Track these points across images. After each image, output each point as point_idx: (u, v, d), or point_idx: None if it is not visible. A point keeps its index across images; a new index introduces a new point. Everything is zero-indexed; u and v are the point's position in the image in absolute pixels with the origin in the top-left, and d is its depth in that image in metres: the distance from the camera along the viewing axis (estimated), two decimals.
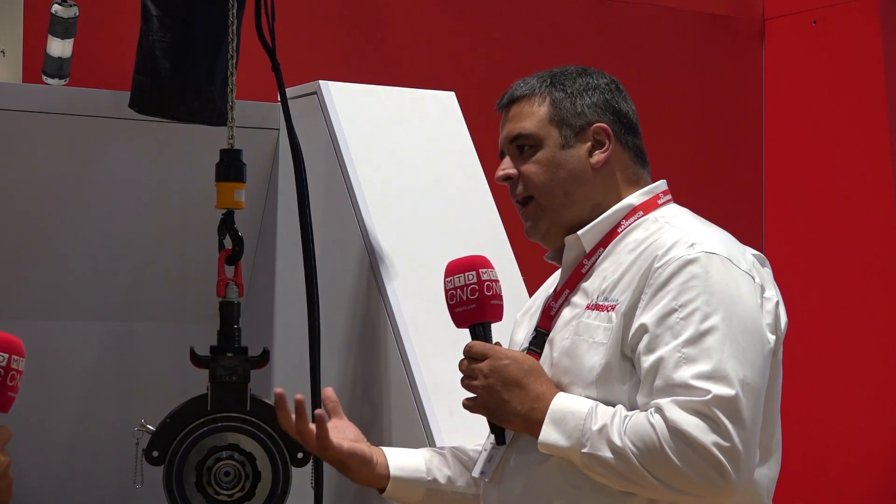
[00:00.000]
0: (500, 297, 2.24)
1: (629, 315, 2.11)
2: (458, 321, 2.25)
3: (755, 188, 5.04)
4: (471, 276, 2.22)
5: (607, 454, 2.04)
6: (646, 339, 2.07)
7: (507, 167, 2.29)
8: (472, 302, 2.22)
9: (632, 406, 2.08)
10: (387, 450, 2.38)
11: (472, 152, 3.23)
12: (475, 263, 2.24)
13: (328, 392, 2.45)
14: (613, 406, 2.09)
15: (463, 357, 2.20)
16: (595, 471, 2.07)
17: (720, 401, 1.99)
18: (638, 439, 2.02)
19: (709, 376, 2.00)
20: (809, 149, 4.92)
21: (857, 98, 4.77)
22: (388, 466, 2.34)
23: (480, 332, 2.22)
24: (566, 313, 2.23)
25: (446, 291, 2.25)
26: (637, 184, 2.28)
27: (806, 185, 4.92)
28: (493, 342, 2.22)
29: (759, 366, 2.05)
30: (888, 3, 4.76)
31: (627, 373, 2.11)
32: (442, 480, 2.36)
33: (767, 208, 5.03)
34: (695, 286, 2.06)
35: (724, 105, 5.00)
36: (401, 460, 2.36)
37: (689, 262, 2.08)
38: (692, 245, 2.11)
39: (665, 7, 4.86)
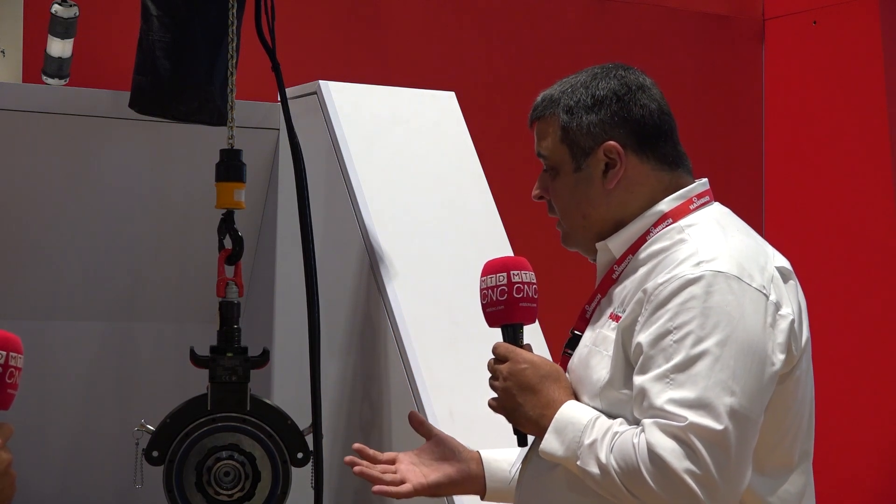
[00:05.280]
0: (531, 300, 2.23)
1: (629, 330, 2.09)
2: (489, 321, 2.26)
3: (755, 188, 5.04)
4: (501, 278, 2.23)
5: (594, 470, 2.04)
6: (641, 359, 2.05)
7: (536, 187, 2.27)
8: (501, 303, 2.22)
9: (634, 420, 2.07)
10: (486, 459, 2.39)
11: (472, 152, 3.22)
12: (508, 265, 2.24)
13: (413, 416, 2.45)
14: (616, 418, 2.08)
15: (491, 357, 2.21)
16: (587, 483, 2.07)
17: (697, 428, 1.96)
18: (621, 458, 2.01)
19: (690, 404, 1.97)
20: (809, 148, 4.93)
21: (857, 98, 4.77)
22: (484, 477, 2.37)
23: (510, 333, 2.23)
24: (594, 319, 2.22)
25: (480, 291, 2.26)
26: (670, 188, 2.23)
27: (806, 185, 4.92)
28: (524, 344, 2.23)
29: (755, 391, 2.01)
30: (888, 3, 4.76)
31: (631, 386, 2.09)
32: None
33: (767, 208, 5.03)
34: (692, 307, 2.02)
35: (724, 105, 5.00)
36: (497, 472, 2.37)
37: (691, 281, 2.04)
38: (698, 263, 2.06)
39: (665, 7, 4.86)
